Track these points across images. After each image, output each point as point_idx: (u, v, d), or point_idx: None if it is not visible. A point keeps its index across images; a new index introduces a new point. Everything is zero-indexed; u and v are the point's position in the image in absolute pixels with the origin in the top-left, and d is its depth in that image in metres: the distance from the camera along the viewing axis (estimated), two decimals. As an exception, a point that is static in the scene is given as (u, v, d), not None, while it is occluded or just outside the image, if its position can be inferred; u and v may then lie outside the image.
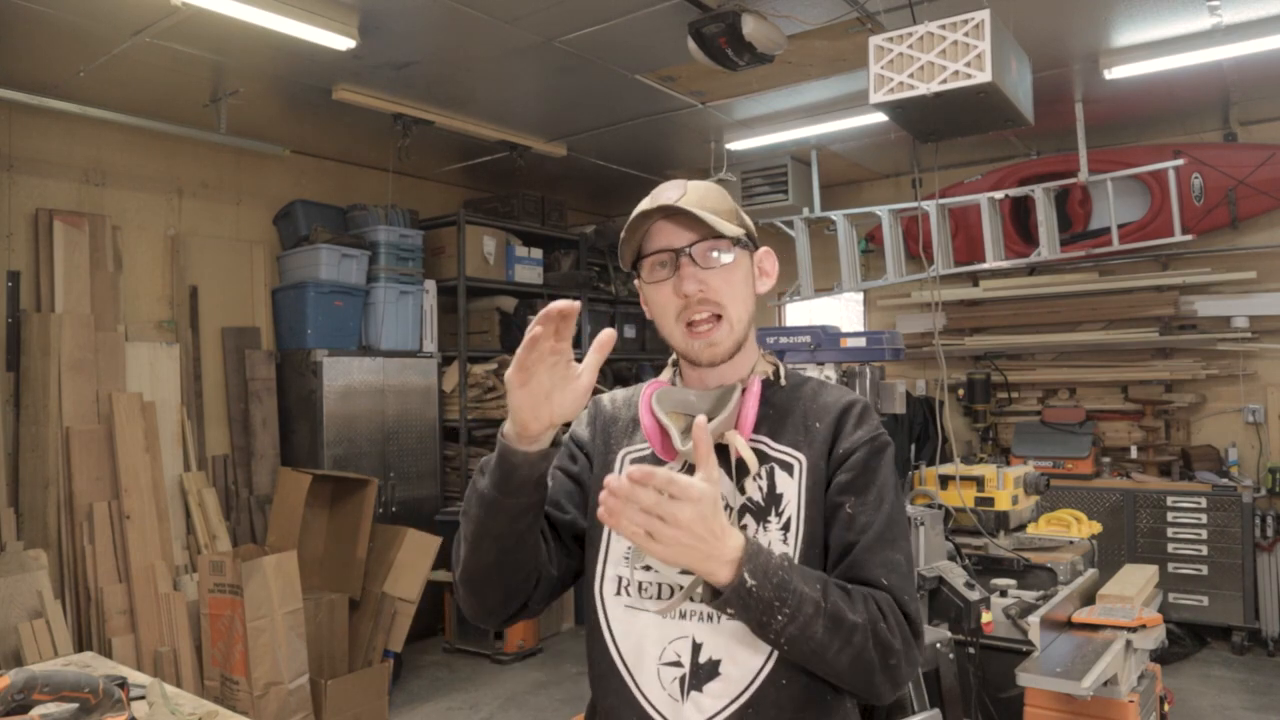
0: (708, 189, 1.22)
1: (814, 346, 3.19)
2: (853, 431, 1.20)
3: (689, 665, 1.14)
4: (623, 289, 6.62)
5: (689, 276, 1.17)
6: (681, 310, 1.19)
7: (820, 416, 1.22)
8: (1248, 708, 4.00)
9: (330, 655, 4.01)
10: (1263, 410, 5.02)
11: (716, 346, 1.19)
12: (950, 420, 5.66)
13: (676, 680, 1.14)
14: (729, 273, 1.19)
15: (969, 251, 5.27)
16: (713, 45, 3.25)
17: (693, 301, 1.18)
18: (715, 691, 1.13)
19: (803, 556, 1.15)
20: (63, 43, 3.54)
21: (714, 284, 1.18)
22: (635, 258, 1.23)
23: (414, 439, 5.19)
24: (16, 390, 4.05)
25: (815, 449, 1.19)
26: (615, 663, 1.19)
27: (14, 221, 4.13)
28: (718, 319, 1.19)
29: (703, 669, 1.13)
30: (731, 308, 1.19)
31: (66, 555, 3.93)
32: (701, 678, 1.13)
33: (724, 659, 1.13)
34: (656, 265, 1.20)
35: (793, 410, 1.24)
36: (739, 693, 1.12)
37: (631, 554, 1.20)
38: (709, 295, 1.18)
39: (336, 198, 5.37)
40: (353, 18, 3.38)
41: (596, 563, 1.23)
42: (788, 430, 1.22)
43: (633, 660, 1.18)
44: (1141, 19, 3.55)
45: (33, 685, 1.41)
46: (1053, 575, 2.71)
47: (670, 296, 1.19)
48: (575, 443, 1.34)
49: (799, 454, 1.19)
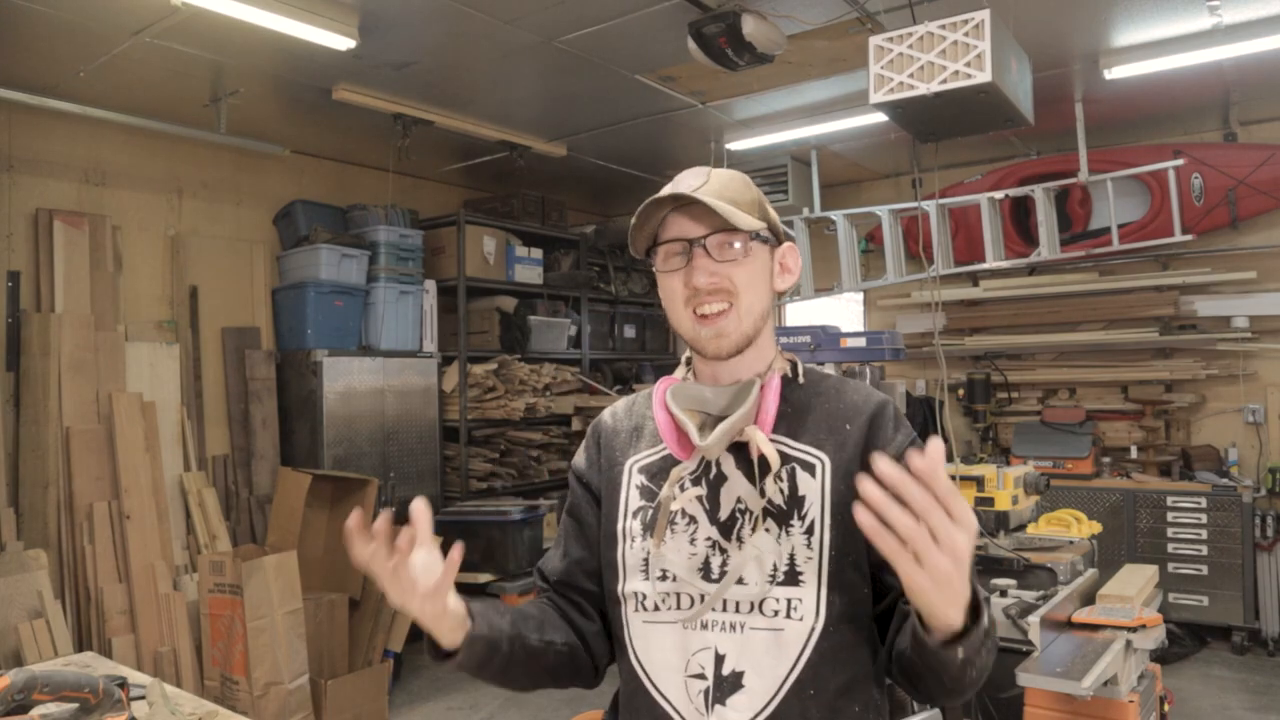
0: (731, 178, 1.19)
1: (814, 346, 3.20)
2: (893, 436, 1.16)
3: (712, 677, 1.11)
4: (623, 289, 6.62)
5: (701, 269, 1.14)
6: (689, 297, 1.16)
7: (850, 417, 1.18)
8: (1248, 708, 4.00)
9: (330, 655, 4.01)
10: (1263, 410, 5.02)
11: (724, 338, 1.16)
12: (950, 420, 5.65)
13: (701, 693, 1.11)
14: (744, 266, 1.16)
15: (969, 251, 5.27)
16: (713, 45, 3.25)
17: (703, 293, 1.15)
18: (739, 704, 1.09)
19: (833, 565, 1.11)
20: (63, 43, 3.53)
21: (728, 275, 1.15)
22: (650, 244, 1.20)
23: (414, 439, 5.18)
24: (16, 390, 4.05)
25: (846, 451, 1.15)
26: (641, 679, 1.16)
27: (14, 221, 4.12)
28: (728, 309, 1.16)
29: (726, 681, 1.10)
30: (744, 297, 1.16)
31: (66, 555, 3.92)
32: (725, 690, 1.10)
33: (747, 670, 1.10)
34: (671, 254, 1.18)
35: (813, 408, 1.20)
36: (763, 705, 1.09)
37: (649, 562, 1.16)
38: (721, 286, 1.15)
39: (336, 198, 5.37)
40: (353, 18, 3.38)
41: (616, 584, 1.20)
42: (808, 429, 1.18)
43: (657, 674, 1.15)
44: (1141, 19, 3.55)
45: (33, 685, 1.41)
46: (1053, 575, 2.71)
47: (681, 286, 1.17)
48: (575, 475, 1.31)
49: (821, 454, 1.15)
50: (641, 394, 1.34)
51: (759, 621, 1.11)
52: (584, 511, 1.29)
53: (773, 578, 1.11)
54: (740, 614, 1.11)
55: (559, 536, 1.32)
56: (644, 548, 1.17)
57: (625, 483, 1.24)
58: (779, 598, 1.10)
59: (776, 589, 1.11)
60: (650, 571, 1.16)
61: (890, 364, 4.78)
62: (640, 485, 1.22)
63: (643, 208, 1.15)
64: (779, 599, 1.10)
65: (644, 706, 1.16)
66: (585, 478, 1.30)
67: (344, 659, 4.08)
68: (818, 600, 1.10)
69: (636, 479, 1.23)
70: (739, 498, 1.14)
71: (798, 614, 1.10)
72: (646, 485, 1.22)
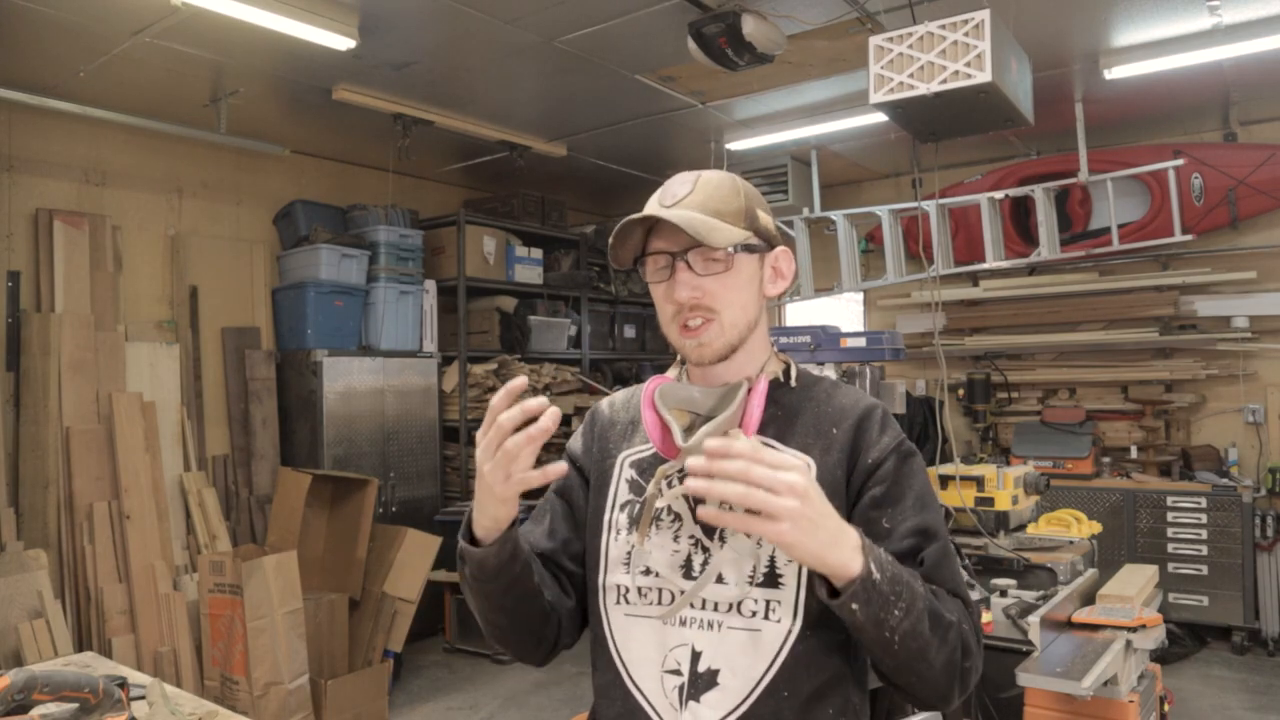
0: (718, 185, 1.18)
1: (814, 346, 3.19)
2: (878, 439, 1.16)
3: (687, 674, 1.12)
4: (622, 289, 6.62)
5: (683, 283, 1.15)
6: (675, 314, 1.17)
7: (837, 421, 1.18)
8: (1248, 708, 4.00)
9: (330, 655, 4.01)
10: (1263, 410, 5.02)
11: (705, 347, 1.17)
12: (950, 420, 5.65)
13: (676, 689, 1.12)
14: (727, 278, 1.16)
15: (969, 251, 5.27)
16: (713, 45, 3.25)
17: (685, 307, 1.16)
18: (712, 702, 1.10)
19: None
20: (63, 43, 3.54)
21: (709, 289, 1.15)
22: (639, 253, 1.21)
23: (414, 439, 5.19)
24: (16, 390, 4.05)
25: (832, 455, 1.16)
26: (620, 672, 1.17)
27: (14, 221, 4.13)
28: (710, 322, 1.16)
29: (701, 678, 1.11)
30: (726, 313, 1.16)
31: (66, 555, 3.92)
32: (700, 687, 1.11)
33: (723, 668, 1.11)
34: (656, 265, 1.18)
35: (803, 412, 1.20)
36: (737, 704, 1.10)
37: (631, 558, 1.18)
38: (702, 301, 1.15)
39: (336, 198, 5.37)
40: (353, 18, 3.38)
41: (597, 574, 1.22)
42: (797, 432, 1.18)
43: (635, 668, 1.16)
44: (1141, 19, 3.55)
45: (33, 685, 1.41)
46: (1053, 575, 2.71)
47: (665, 300, 1.18)
48: (569, 457, 1.32)
49: (808, 458, 1.16)
50: (640, 387, 1.34)
51: (737, 621, 1.12)
52: (575, 494, 1.30)
53: (751, 579, 1.12)
54: (719, 613, 1.12)
55: (544, 512, 1.31)
56: (628, 541, 1.19)
57: (616, 475, 1.25)
58: (757, 599, 1.11)
59: (755, 590, 1.11)
60: (633, 566, 1.17)
61: (890, 364, 4.78)
62: (630, 479, 1.24)
63: (620, 226, 1.16)
64: (757, 600, 1.11)
65: (619, 698, 1.17)
66: (579, 461, 1.31)
67: (344, 659, 4.08)
68: (796, 604, 1.10)
69: (628, 473, 1.25)
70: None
71: (775, 616, 1.10)
72: (636, 480, 1.23)
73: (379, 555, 4.30)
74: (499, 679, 4.63)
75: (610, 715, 1.19)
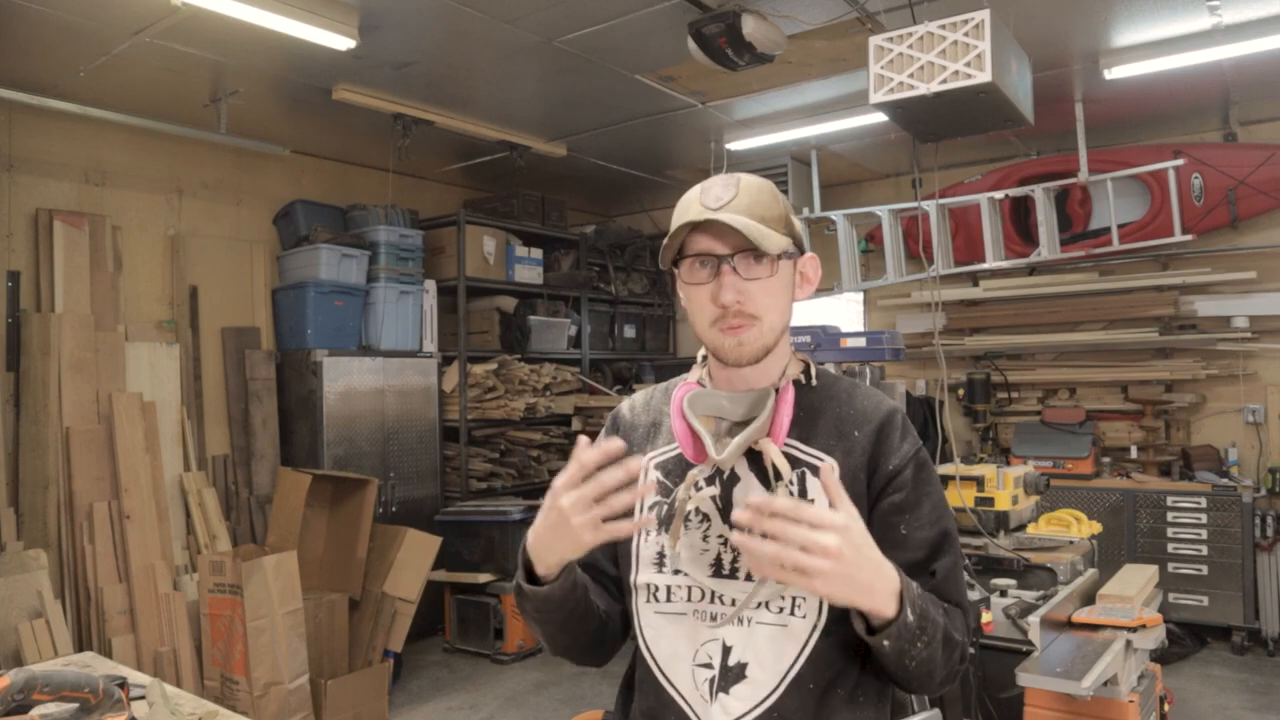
0: (759, 191, 1.19)
1: (814, 346, 3.19)
2: (899, 446, 1.20)
3: (719, 667, 1.16)
4: (622, 289, 6.62)
5: (729, 286, 1.15)
6: (718, 318, 1.18)
7: (859, 424, 1.21)
8: (1248, 708, 4.00)
9: (330, 655, 4.01)
10: (1263, 410, 5.02)
11: (744, 347, 1.18)
12: (950, 420, 5.65)
13: (707, 681, 1.16)
14: (770, 283, 1.18)
15: (969, 251, 5.27)
16: (713, 45, 3.25)
17: (729, 312, 1.16)
18: (741, 694, 1.14)
19: None
20: (63, 43, 3.54)
21: (753, 294, 1.17)
22: (677, 255, 1.22)
23: (414, 439, 5.19)
24: (16, 390, 4.05)
25: (853, 457, 1.19)
26: (651, 667, 1.22)
27: (14, 221, 4.13)
28: (752, 325, 1.18)
29: (731, 671, 1.15)
30: (767, 318, 1.18)
31: (66, 555, 3.93)
32: (729, 680, 1.15)
33: (751, 662, 1.15)
34: (696, 265, 1.18)
35: (824, 412, 1.23)
36: (764, 696, 1.14)
37: (668, 558, 1.21)
38: (745, 307, 1.16)
39: (336, 198, 5.37)
40: (353, 18, 3.38)
41: (630, 575, 1.25)
42: (819, 433, 1.22)
43: (667, 663, 1.20)
44: (1141, 19, 3.55)
45: (33, 685, 1.41)
46: (1053, 575, 2.71)
47: (707, 301, 1.18)
48: None
49: (830, 459, 1.20)
50: (659, 389, 1.37)
51: (766, 616, 1.16)
52: None
53: None
54: (748, 609, 1.16)
55: None
56: (658, 541, 1.23)
57: (642, 479, 1.26)
58: (785, 595, 1.15)
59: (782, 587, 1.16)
60: (663, 565, 1.21)
61: (890, 364, 4.78)
62: (656, 481, 1.27)
63: (677, 228, 1.17)
64: (785, 596, 1.15)
65: (652, 691, 1.22)
66: None
67: (344, 659, 4.08)
68: (820, 599, 1.14)
69: (653, 475, 1.28)
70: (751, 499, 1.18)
71: (801, 611, 1.15)
72: (663, 482, 1.27)
73: (379, 555, 4.30)
74: (499, 679, 4.63)
75: (643, 708, 1.23)
